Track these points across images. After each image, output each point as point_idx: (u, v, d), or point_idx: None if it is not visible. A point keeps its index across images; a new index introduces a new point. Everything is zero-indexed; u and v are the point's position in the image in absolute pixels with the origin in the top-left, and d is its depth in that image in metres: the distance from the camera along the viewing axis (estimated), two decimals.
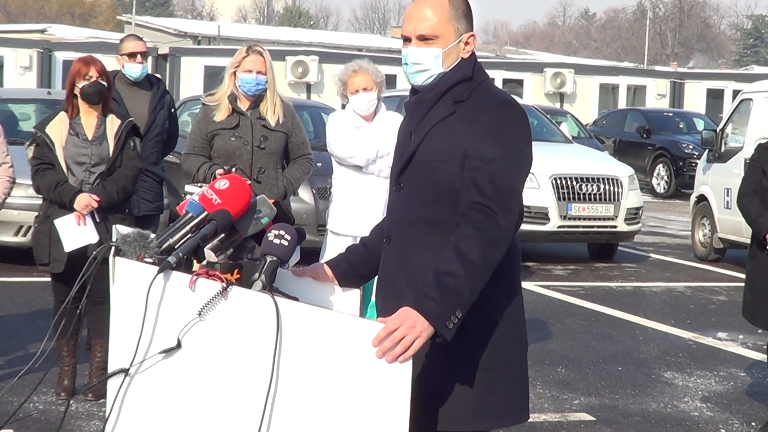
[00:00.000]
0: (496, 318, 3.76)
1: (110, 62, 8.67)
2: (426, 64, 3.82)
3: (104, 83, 7.52)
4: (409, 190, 3.82)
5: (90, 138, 7.50)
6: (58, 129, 7.49)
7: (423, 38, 3.81)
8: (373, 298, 7.83)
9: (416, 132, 3.84)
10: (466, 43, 3.85)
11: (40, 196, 7.68)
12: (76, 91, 7.50)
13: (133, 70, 9.03)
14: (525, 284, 12.61)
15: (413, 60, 3.83)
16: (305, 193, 13.21)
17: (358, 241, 4.33)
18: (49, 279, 7.83)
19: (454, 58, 3.83)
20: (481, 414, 3.74)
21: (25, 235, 12.12)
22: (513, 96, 3.97)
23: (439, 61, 3.81)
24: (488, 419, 3.78)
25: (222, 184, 3.79)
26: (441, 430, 3.72)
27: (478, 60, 3.93)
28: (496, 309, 3.76)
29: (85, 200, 7.36)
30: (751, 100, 15.84)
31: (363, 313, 7.74)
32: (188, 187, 7.14)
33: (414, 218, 3.80)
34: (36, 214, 7.76)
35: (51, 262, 7.48)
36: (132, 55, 9.04)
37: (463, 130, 3.72)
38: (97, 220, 7.37)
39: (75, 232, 7.35)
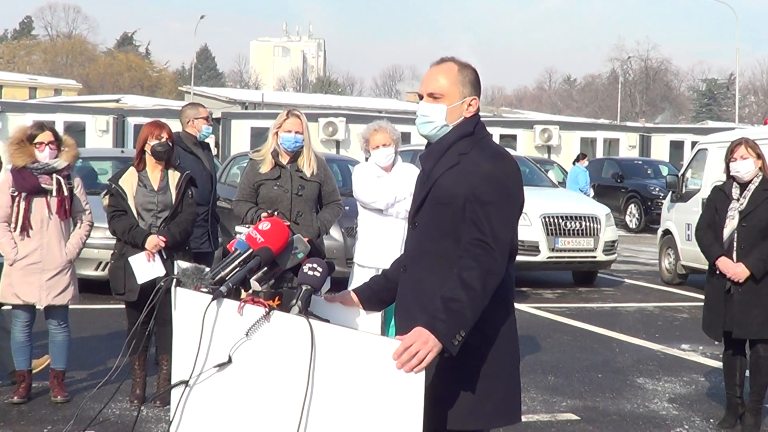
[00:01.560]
0: (492, 336, 3.75)
1: (174, 126, 8.74)
2: (432, 117, 3.85)
3: (171, 144, 7.60)
4: (421, 227, 3.84)
5: (156, 188, 7.55)
6: (129, 181, 7.54)
7: (432, 95, 3.86)
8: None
9: (427, 179, 3.86)
10: (469, 105, 3.87)
11: (114, 237, 7.72)
12: (147, 148, 7.56)
13: (208, 130, 9.22)
14: (520, 306, 12.60)
15: (422, 113, 3.88)
16: (335, 232, 13.22)
17: (380, 272, 4.33)
18: (123, 306, 7.85)
19: (458, 116, 3.86)
20: (477, 416, 3.73)
21: (103, 269, 12.13)
22: (508, 149, 3.98)
23: (443, 116, 3.84)
24: (484, 421, 3.77)
25: (265, 225, 3.81)
26: (446, 429, 3.71)
27: (481, 120, 3.94)
28: (492, 328, 3.75)
29: (155, 241, 7.41)
30: (706, 149, 15.82)
31: (385, 333, 7.73)
32: (238, 228, 7.16)
33: (425, 251, 3.81)
34: (111, 252, 7.80)
35: (126, 292, 7.52)
36: (207, 119, 9.18)
37: (465, 178, 3.73)
38: (164, 257, 7.41)
39: (146, 267, 7.40)
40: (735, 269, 7.29)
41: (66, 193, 7.57)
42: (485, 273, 3.57)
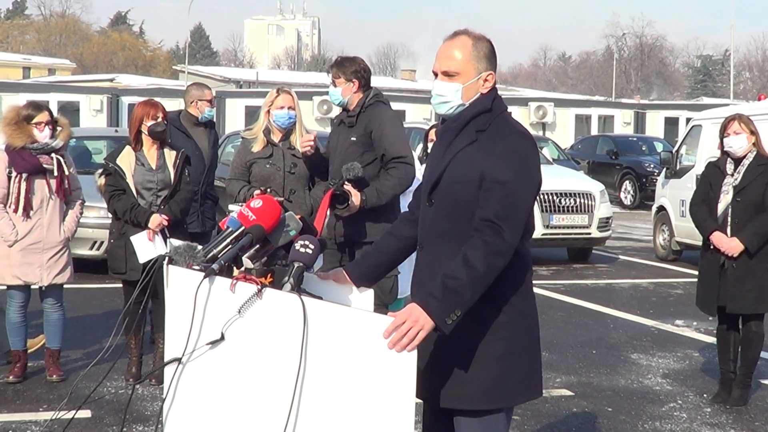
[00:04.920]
0: (511, 314, 3.71)
1: (168, 105, 8.72)
2: (448, 96, 3.77)
3: (166, 123, 7.60)
4: (438, 205, 3.77)
5: (154, 167, 7.56)
6: (126, 160, 7.54)
7: (447, 74, 3.77)
8: (399, 296, 7.83)
9: (444, 156, 3.78)
10: (485, 80, 3.78)
11: (112, 216, 7.71)
12: (143, 128, 7.55)
13: (210, 112, 9.22)
14: None
15: (438, 92, 3.80)
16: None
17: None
18: (118, 285, 7.86)
19: (474, 92, 3.77)
20: (497, 395, 3.70)
21: (98, 249, 12.17)
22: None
23: (459, 94, 3.76)
24: (503, 399, 3.74)
25: (256, 203, 3.79)
26: (466, 408, 3.69)
27: (499, 95, 3.86)
28: (511, 307, 3.71)
29: (158, 220, 7.42)
30: (700, 126, 15.83)
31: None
32: (231, 206, 7.16)
33: (441, 229, 3.75)
34: (109, 231, 7.79)
35: (128, 271, 7.51)
36: (211, 101, 9.21)
37: (482, 155, 3.66)
38: (167, 235, 7.40)
39: (148, 246, 7.41)
40: (729, 243, 7.32)
41: (66, 173, 7.59)
42: (491, 254, 3.51)
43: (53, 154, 7.54)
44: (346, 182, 6.55)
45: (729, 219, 7.39)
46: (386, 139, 6.75)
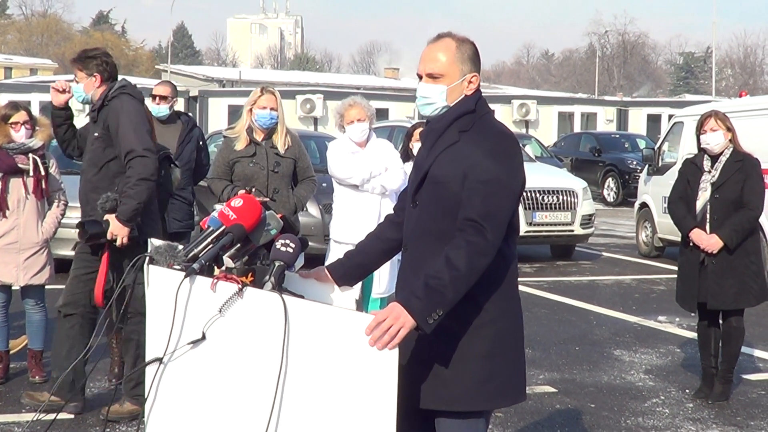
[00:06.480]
0: (495, 314, 3.70)
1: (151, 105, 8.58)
2: (432, 98, 3.77)
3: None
4: (422, 206, 3.77)
5: None
6: None
7: (431, 76, 3.77)
8: (373, 295, 7.84)
9: (427, 156, 3.78)
10: (470, 82, 3.78)
11: None
12: None
13: (157, 111, 8.79)
14: None
15: (422, 94, 3.80)
16: (313, 209, 13.19)
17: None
18: None
19: (458, 94, 3.78)
20: (480, 397, 3.69)
21: None
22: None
23: (443, 96, 3.76)
24: (486, 402, 3.74)
25: (237, 202, 3.79)
26: (448, 409, 3.68)
27: (482, 96, 3.87)
28: (494, 306, 3.70)
29: None
30: (682, 123, 15.88)
31: (365, 307, 7.74)
32: (216, 206, 7.14)
33: (425, 230, 3.74)
34: None
35: None
36: (156, 98, 8.95)
37: (465, 155, 3.66)
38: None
39: None
40: (709, 240, 7.35)
41: (42, 173, 7.55)
42: (474, 254, 3.51)
43: (30, 155, 7.50)
44: (104, 214, 6.59)
45: (708, 216, 7.42)
46: (120, 135, 6.44)
